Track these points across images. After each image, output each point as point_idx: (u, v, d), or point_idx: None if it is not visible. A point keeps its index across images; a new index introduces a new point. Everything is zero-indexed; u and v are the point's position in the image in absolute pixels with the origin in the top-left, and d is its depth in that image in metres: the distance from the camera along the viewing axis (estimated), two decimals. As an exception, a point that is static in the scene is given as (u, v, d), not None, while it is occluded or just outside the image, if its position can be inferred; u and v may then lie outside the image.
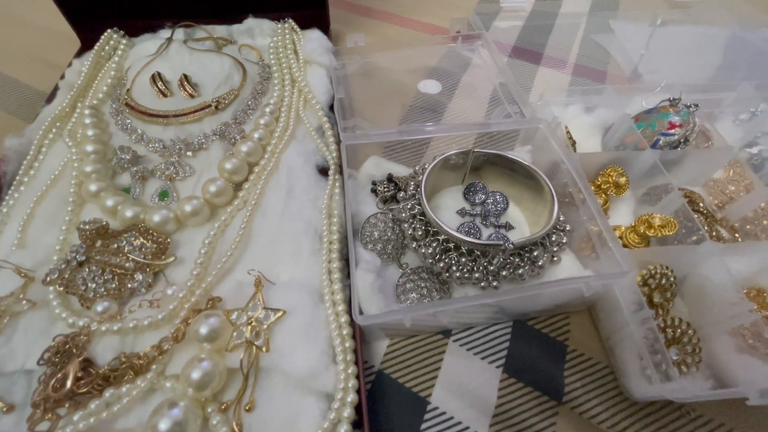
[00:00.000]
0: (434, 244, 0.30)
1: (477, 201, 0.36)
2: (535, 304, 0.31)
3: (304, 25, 0.51)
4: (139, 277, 0.30)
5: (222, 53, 0.45)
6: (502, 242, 0.29)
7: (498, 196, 0.36)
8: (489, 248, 0.30)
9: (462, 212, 0.36)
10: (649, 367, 0.26)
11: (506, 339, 0.31)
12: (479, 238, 0.33)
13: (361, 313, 0.28)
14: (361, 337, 0.30)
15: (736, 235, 0.35)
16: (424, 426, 0.28)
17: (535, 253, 0.30)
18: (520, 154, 0.39)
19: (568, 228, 0.32)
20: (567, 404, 0.28)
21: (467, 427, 0.28)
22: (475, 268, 0.30)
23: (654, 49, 0.57)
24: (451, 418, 0.28)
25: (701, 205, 0.35)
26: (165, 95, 0.41)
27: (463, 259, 0.30)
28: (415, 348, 0.31)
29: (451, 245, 0.30)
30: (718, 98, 0.45)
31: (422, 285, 0.32)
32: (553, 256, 0.32)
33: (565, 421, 0.28)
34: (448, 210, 0.36)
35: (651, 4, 0.66)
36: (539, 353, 0.31)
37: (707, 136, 0.42)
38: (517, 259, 0.30)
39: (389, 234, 0.34)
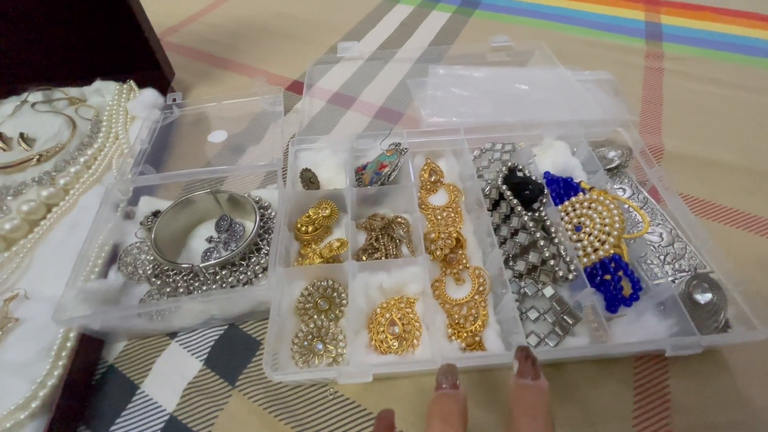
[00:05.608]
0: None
1: (222, 229, 0.46)
2: (228, 312, 0.40)
3: (144, 84, 0.62)
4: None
5: (59, 113, 0.56)
6: (190, 264, 0.39)
7: (237, 226, 0.46)
8: (195, 268, 0.39)
9: (209, 239, 0.45)
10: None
11: (215, 338, 0.40)
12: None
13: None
14: (96, 338, 0.39)
15: (413, 253, 0.43)
16: (129, 406, 0.37)
17: (224, 272, 0.40)
18: (269, 190, 0.49)
19: (266, 250, 0.42)
20: (237, 388, 0.37)
21: (160, 405, 0.37)
22: (182, 285, 0.40)
23: (453, 92, 0.66)
24: (150, 399, 0.37)
25: (393, 228, 0.44)
26: (4, 150, 0.52)
27: (177, 278, 0.40)
28: (143, 347, 0.40)
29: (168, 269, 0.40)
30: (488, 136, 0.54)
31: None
32: (256, 274, 0.41)
33: (234, 401, 0.37)
34: (201, 238, 0.46)
35: (476, 50, 0.76)
36: (233, 349, 0.40)
37: (436, 171, 0.51)
38: (218, 276, 0.40)
39: (142, 258, 0.44)
